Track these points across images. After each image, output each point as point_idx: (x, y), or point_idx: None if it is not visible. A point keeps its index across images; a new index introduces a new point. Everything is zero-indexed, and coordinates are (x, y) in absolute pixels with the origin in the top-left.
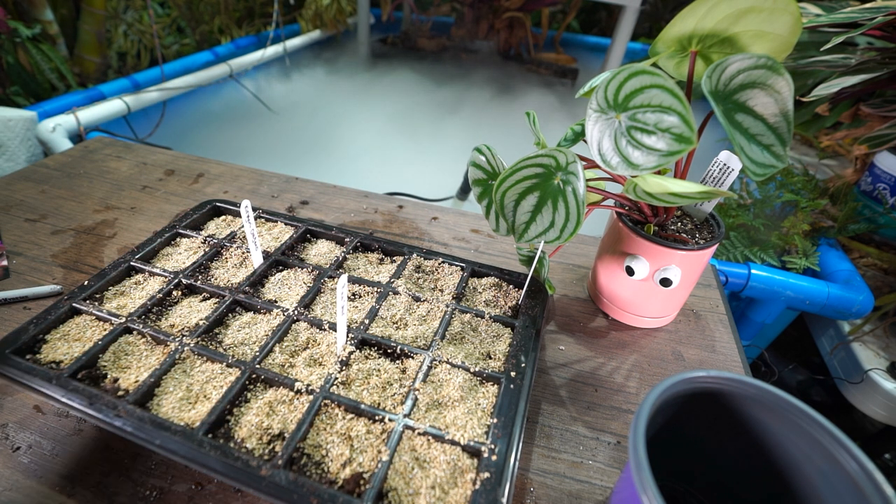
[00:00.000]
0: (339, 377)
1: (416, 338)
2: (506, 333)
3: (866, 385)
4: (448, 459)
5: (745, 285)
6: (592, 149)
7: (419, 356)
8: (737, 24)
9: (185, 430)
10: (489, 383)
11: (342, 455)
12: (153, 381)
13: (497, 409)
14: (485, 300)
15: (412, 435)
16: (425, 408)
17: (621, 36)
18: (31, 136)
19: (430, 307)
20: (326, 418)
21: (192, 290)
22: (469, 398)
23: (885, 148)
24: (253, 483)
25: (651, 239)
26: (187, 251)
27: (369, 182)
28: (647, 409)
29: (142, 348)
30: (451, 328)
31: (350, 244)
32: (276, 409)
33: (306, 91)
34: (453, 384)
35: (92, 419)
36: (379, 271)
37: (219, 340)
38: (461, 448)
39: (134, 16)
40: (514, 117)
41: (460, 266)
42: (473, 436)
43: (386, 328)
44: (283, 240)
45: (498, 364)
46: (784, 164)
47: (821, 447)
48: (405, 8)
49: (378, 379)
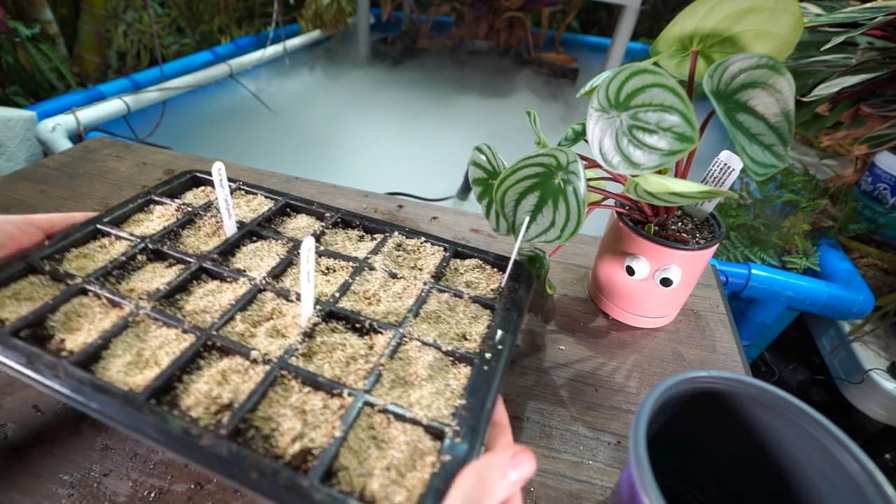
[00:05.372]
0: (301, 349)
1: (388, 314)
2: (485, 315)
3: (866, 385)
4: (408, 440)
5: (746, 285)
6: (593, 148)
7: (388, 332)
8: (738, 24)
9: (126, 395)
10: (462, 364)
11: (293, 429)
12: (101, 344)
13: (467, 390)
14: (466, 281)
15: (371, 412)
16: (389, 385)
17: (621, 36)
18: (31, 136)
19: (407, 284)
20: (282, 390)
21: (158, 255)
22: (438, 378)
23: (885, 148)
24: (191, 453)
25: (651, 239)
26: (160, 218)
27: (369, 182)
28: (648, 408)
29: (96, 311)
30: (427, 306)
31: (330, 219)
32: (230, 379)
33: (306, 91)
34: (422, 362)
35: (28, 380)
36: (357, 248)
37: (179, 307)
38: (423, 428)
39: (134, 16)
40: (514, 117)
41: (443, 246)
42: (438, 416)
43: (357, 303)
44: (261, 212)
45: (473, 345)
46: (785, 164)
47: (821, 447)
48: (405, 8)
49: (342, 353)
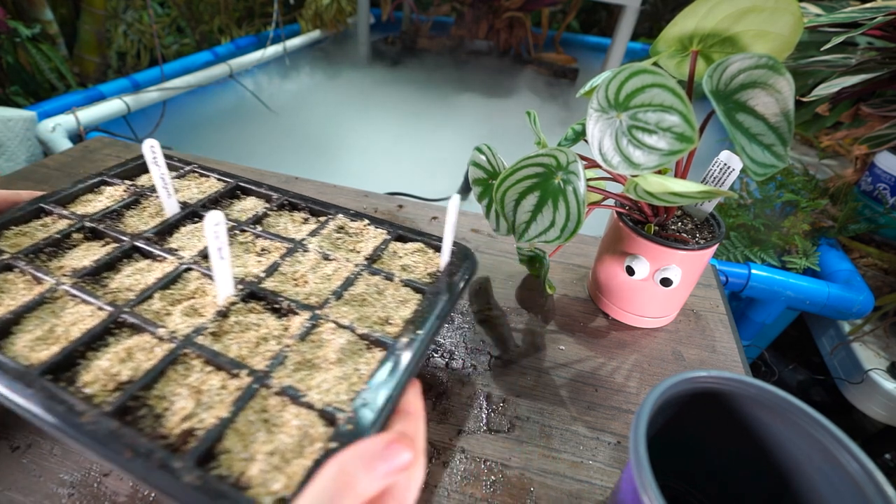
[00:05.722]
0: (211, 328)
1: (310, 295)
2: (414, 300)
3: (866, 385)
4: (300, 424)
5: (746, 285)
6: (593, 148)
7: (305, 313)
8: (738, 24)
9: (21, 370)
10: (377, 349)
11: (184, 409)
12: (11, 319)
13: (373, 375)
14: (402, 265)
15: (267, 394)
16: (293, 367)
17: (621, 36)
18: (31, 136)
19: (339, 266)
20: (183, 369)
21: (96, 234)
22: (348, 362)
23: (885, 148)
24: (69, 431)
25: (651, 239)
26: (108, 198)
27: (369, 182)
28: (648, 408)
29: (20, 287)
30: (354, 289)
31: (276, 201)
32: (134, 356)
33: (306, 91)
34: (334, 346)
35: None
36: (300, 230)
37: (104, 285)
38: (317, 413)
39: (134, 16)
40: (514, 117)
41: (386, 230)
42: (335, 401)
43: (283, 283)
44: (208, 193)
45: (395, 330)
46: (785, 164)
47: (821, 447)
48: (405, 8)
49: (255, 333)
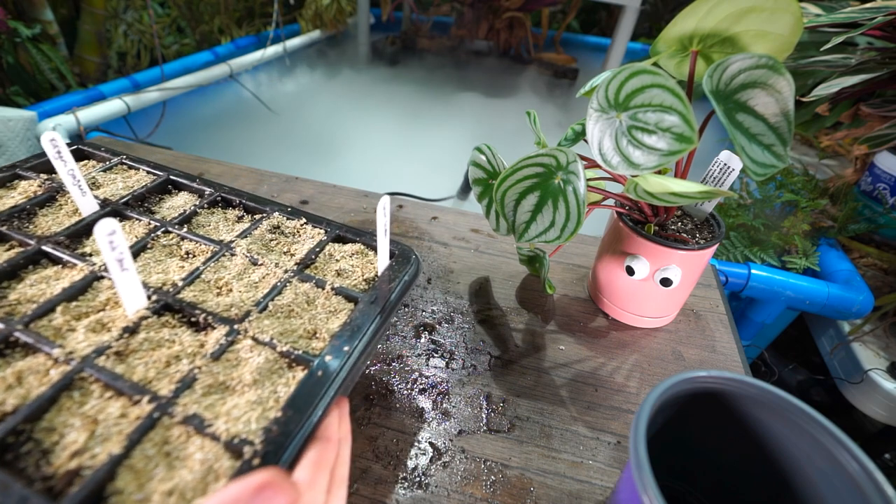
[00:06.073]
0: (116, 346)
1: (231, 306)
2: (346, 309)
3: (866, 385)
4: (204, 458)
5: (745, 285)
6: (593, 148)
7: (223, 328)
8: (738, 24)
9: None
10: (297, 367)
11: (75, 443)
12: None
13: (289, 400)
14: (338, 269)
15: (170, 423)
16: (202, 391)
17: (621, 36)
18: (31, 136)
19: (267, 272)
20: (79, 395)
21: (0, 237)
22: (266, 384)
23: (885, 148)
24: None
25: (651, 239)
26: (21, 195)
27: (369, 181)
28: (648, 408)
29: None
30: (281, 298)
31: (209, 197)
32: (25, 381)
33: (306, 91)
34: (251, 365)
35: None
36: (233, 229)
37: (3, 296)
38: (223, 445)
39: (134, 16)
40: (514, 117)
41: (324, 229)
42: (243, 431)
43: (203, 293)
44: (135, 189)
45: (321, 345)
46: (785, 164)
47: (821, 447)
48: (405, 8)
49: (166, 351)
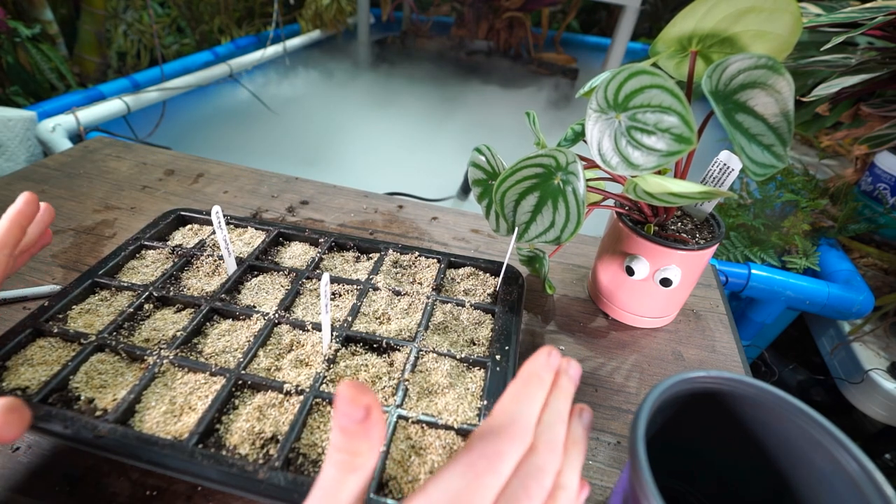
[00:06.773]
0: (328, 375)
1: (401, 330)
2: (487, 319)
3: (866, 385)
4: (443, 444)
5: (745, 285)
6: (592, 149)
7: (405, 348)
8: (737, 24)
9: (174, 443)
10: (476, 368)
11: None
12: (133, 398)
13: (486, 391)
14: (464, 289)
15: (406, 424)
16: (416, 397)
17: (621, 36)
18: (31, 136)
19: (412, 300)
20: (319, 417)
21: (164, 301)
22: (458, 384)
23: (885, 148)
24: (251, 487)
25: (651, 239)
26: (154, 263)
27: (369, 182)
28: (647, 409)
29: (116, 366)
30: (434, 318)
31: (325, 244)
32: (267, 413)
33: (306, 91)
34: (441, 372)
35: (71, 442)
36: (356, 269)
37: (199, 350)
38: (455, 431)
39: (134, 16)
40: (514, 117)
41: (437, 258)
42: (465, 418)
43: (370, 324)
44: (255, 244)
45: (482, 349)
46: (784, 164)
47: (821, 447)
48: (405, 8)
49: (367, 373)
